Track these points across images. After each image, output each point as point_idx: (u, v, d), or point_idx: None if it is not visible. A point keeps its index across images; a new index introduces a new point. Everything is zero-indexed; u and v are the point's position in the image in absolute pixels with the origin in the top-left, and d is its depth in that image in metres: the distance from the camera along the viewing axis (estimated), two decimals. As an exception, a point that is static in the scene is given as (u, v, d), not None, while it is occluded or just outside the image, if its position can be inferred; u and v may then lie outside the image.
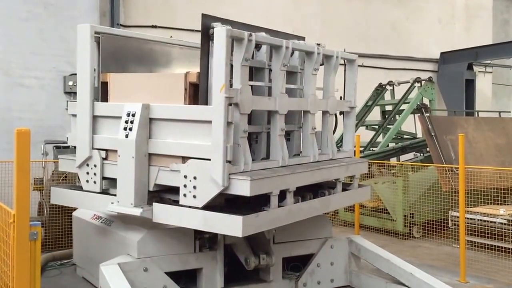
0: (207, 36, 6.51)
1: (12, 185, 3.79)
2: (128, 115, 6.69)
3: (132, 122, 6.64)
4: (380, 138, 15.38)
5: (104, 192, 7.24)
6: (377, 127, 16.00)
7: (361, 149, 13.59)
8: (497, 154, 12.67)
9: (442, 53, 21.36)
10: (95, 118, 7.23)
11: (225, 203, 6.48)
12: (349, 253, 8.42)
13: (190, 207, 6.29)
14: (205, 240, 7.30)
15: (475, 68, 21.40)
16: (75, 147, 7.59)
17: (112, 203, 6.85)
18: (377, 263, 8.13)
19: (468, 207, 9.87)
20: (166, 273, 7.01)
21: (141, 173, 6.65)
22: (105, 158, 7.16)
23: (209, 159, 6.09)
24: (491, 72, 23.19)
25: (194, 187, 6.23)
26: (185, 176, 6.28)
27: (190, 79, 6.73)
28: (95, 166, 7.18)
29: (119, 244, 7.45)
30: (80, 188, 7.56)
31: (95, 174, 7.20)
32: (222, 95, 5.94)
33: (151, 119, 6.71)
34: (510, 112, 20.17)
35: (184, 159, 6.43)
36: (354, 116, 8.54)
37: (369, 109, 16.29)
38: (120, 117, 6.81)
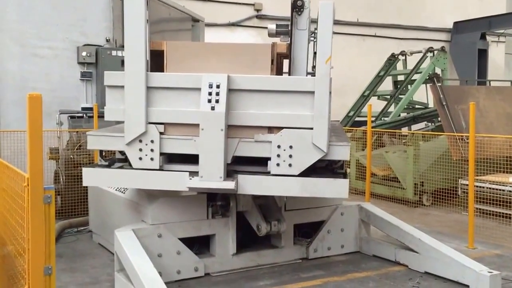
0: (293, 7, 6.71)
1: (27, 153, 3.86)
2: (211, 86, 6.38)
3: (217, 94, 6.35)
4: (392, 108, 15.43)
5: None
6: (389, 97, 16.03)
7: (373, 119, 13.64)
8: (508, 123, 12.68)
9: (455, 23, 21.23)
10: (149, 89, 6.58)
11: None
12: (359, 220, 8.57)
13: (283, 175, 6.44)
14: (217, 207, 7.47)
15: (488, 38, 21.26)
16: (85, 115, 7.28)
17: (190, 178, 6.50)
18: (386, 230, 8.27)
19: (477, 176, 9.96)
20: (180, 239, 7.19)
21: (226, 145, 6.47)
22: (162, 133, 6.63)
23: (310, 128, 6.31)
24: (504, 42, 23.02)
25: (290, 156, 6.38)
26: (279, 146, 6.40)
27: (278, 50, 6.81)
28: (151, 142, 6.57)
29: (134, 211, 7.63)
30: (106, 166, 7.05)
31: (152, 150, 6.58)
32: (328, 66, 6.18)
33: (230, 90, 6.47)
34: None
35: (271, 129, 6.50)
36: None
37: (381, 79, 16.30)
38: (190, 89, 6.52)
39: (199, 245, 7.56)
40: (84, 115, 11.65)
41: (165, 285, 5.95)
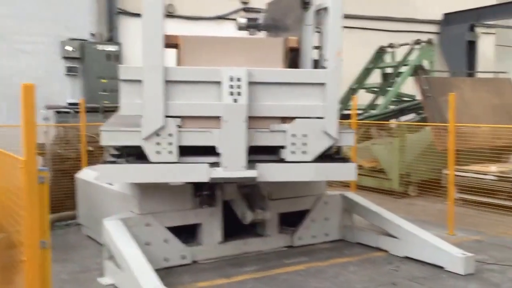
0: (302, 4, 7.10)
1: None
2: (232, 79, 6.57)
3: (239, 86, 6.58)
4: (380, 101, 15.54)
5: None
6: (377, 89, 16.14)
7: (361, 111, 13.79)
8: (493, 114, 12.83)
9: (444, 14, 21.26)
10: (167, 83, 6.57)
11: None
12: (342, 209, 8.77)
13: (298, 162, 6.83)
14: (204, 197, 7.65)
15: (478, 30, 21.27)
16: (72, 111, 7.22)
17: (214, 169, 6.65)
18: (368, 217, 8.49)
19: (461, 166, 10.11)
20: (167, 228, 7.39)
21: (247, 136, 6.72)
22: (179, 126, 6.66)
23: (321, 117, 6.79)
24: (494, 34, 23.02)
25: (304, 144, 6.77)
26: (293, 135, 6.77)
27: (290, 44, 7.12)
28: (169, 135, 6.59)
29: (122, 202, 7.80)
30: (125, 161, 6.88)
31: (170, 143, 6.61)
32: (339, 59, 6.69)
33: (249, 83, 6.68)
34: (506, 73, 20.11)
35: (284, 119, 6.84)
36: None
37: (369, 72, 16.40)
38: (209, 82, 6.66)
39: (187, 233, 7.72)
40: (72, 110, 11.74)
41: (153, 270, 6.14)
